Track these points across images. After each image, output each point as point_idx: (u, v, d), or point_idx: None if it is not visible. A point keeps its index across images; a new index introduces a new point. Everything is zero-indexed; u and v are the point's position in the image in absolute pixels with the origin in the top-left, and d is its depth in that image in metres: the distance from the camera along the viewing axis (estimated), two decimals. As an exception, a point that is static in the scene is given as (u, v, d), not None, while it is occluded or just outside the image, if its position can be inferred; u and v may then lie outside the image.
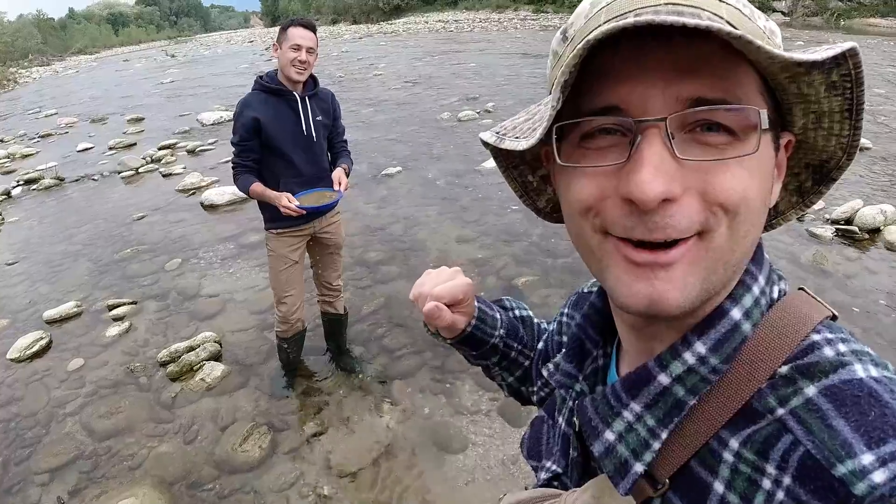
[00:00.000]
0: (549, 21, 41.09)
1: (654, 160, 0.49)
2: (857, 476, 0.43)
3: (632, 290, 0.53)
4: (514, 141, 0.60)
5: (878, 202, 5.87)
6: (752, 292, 0.57)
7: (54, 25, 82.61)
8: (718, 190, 0.50)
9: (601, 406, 0.62)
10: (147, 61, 36.40)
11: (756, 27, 0.53)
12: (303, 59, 3.12)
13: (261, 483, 3.13)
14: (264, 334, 4.47)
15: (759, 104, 0.52)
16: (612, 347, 0.74)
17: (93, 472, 3.30)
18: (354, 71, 20.32)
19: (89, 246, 6.73)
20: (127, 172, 9.64)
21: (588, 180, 0.54)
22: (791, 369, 0.52)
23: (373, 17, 69.71)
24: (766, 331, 0.55)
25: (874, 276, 4.82)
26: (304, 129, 3.29)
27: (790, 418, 0.49)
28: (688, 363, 0.55)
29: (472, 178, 7.96)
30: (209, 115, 13.36)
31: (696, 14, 0.49)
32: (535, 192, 0.78)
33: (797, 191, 0.66)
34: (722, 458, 0.52)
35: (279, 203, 3.13)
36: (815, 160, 0.62)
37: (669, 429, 0.56)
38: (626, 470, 0.58)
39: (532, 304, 4.55)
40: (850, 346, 0.53)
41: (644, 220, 0.50)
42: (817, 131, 0.58)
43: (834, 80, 0.51)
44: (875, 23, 29.58)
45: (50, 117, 16.31)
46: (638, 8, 0.51)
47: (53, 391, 4.04)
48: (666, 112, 0.50)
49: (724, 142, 0.51)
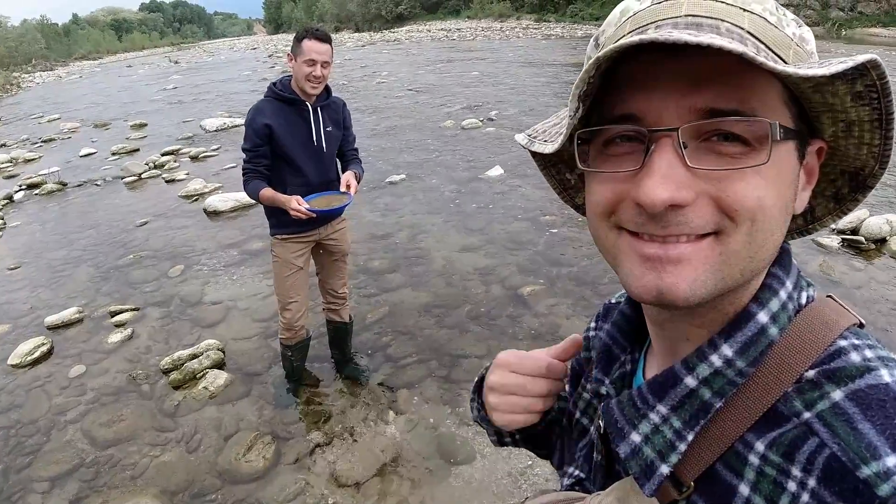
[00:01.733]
0: (550, 30, 41.27)
1: (663, 168, 0.51)
2: (882, 478, 0.43)
3: (641, 282, 0.55)
4: (542, 144, 0.64)
5: (884, 212, 5.85)
6: (779, 297, 0.57)
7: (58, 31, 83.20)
8: (733, 197, 0.51)
9: (627, 408, 0.62)
10: (150, 67, 36.55)
11: (783, 35, 0.54)
12: (317, 75, 3.10)
13: (265, 494, 3.09)
14: (268, 342, 4.44)
15: (779, 114, 0.53)
16: (641, 354, 0.75)
17: (94, 480, 3.26)
18: (357, 79, 20.38)
19: (91, 251, 6.71)
20: (130, 178, 9.64)
21: (606, 185, 0.57)
22: (818, 374, 0.52)
23: (375, 25, 70.18)
24: (793, 335, 0.55)
25: (881, 286, 4.80)
26: (315, 139, 3.28)
27: (816, 422, 0.49)
28: (714, 366, 0.56)
29: (476, 185, 7.95)
30: (212, 121, 13.39)
31: (715, 26, 0.51)
32: (573, 190, 0.79)
33: (834, 197, 0.65)
34: (747, 460, 0.53)
35: (289, 206, 3.09)
36: (850, 167, 0.61)
37: (695, 431, 0.56)
38: (651, 471, 0.58)
39: (537, 314, 4.56)
40: (876, 352, 0.53)
41: (654, 220, 0.52)
42: (848, 139, 0.58)
43: (859, 91, 0.51)
44: (876, 32, 29.69)
45: (53, 122, 16.38)
46: (659, 20, 0.54)
47: (54, 398, 4.00)
48: (679, 122, 0.51)
49: (738, 151, 0.51)
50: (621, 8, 0.60)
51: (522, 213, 6.72)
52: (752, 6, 0.54)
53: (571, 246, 5.73)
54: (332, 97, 3.40)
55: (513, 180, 7.92)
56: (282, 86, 3.23)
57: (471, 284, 5.18)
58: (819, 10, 33.96)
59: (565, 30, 41.06)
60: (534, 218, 6.51)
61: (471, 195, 7.61)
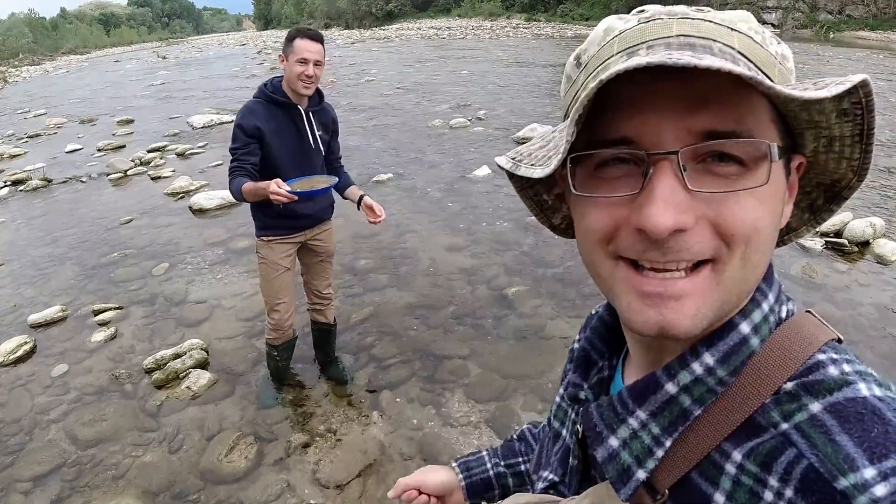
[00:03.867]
0: (541, 30, 41.30)
1: (666, 193, 0.50)
2: (859, 489, 0.44)
3: (642, 317, 0.54)
4: (529, 168, 0.60)
5: (868, 215, 5.91)
6: (761, 308, 0.58)
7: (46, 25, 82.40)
8: (729, 221, 0.51)
9: (607, 413, 0.63)
10: (138, 62, 36.28)
11: (767, 54, 0.54)
12: (310, 74, 3.04)
13: (246, 494, 3.09)
14: (252, 342, 4.44)
15: (771, 133, 0.53)
16: (618, 360, 0.75)
17: (76, 480, 3.25)
18: (346, 76, 20.31)
19: (76, 249, 6.67)
20: (115, 175, 9.58)
21: (602, 210, 0.56)
22: (796, 386, 0.52)
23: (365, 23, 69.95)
24: (773, 347, 0.56)
25: (863, 289, 4.84)
26: (305, 143, 3.25)
27: (794, 433, 0.49)
28: (695, 373, 0.56)
29: (463, 185, 7.96)
30: (200, 118, 13.31)
31: (708, 46, 0.51)
32: (550, 210, 0.78)
33: (809, 208, 0.67)
34: (724, 469, 0.53)
35: (269, 190, 2.84)
36: (826, 180, 0.63)
37: (674, 437, 0.57)
38: (628, 476, 0.59)
39: (522, 315, 4.57)
40: (854, 366, 0.53)
41: (656, 246, 0.52)
42: (828, 154, 0.59)
43: (845, 108, 0.52)
44: (864, 35, 29.91)
45: (39, 117, 16.20)
46: (650, 39, 0.53)
47: (37, 397, 3.98)
48: (678, 145, 0.51)
49: (734, 172, 0.52)
50: (605, 26, 0.59)
51: (508, 214, 6.73)
52: (739, 25, 0.54)
53: (556, 247, 5.75)
54: (325, 103, 3.37)
55: (499, 180, 7.92)
56: (273, 88, 3.17)
57: (456, 285, 5.19)
58: (807, 13, 34.18)
59: (555, 29, 41.06)
60: (519, 218, 6.51)
61: (457, 195, 7.62)
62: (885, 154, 8.39)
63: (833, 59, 20.13)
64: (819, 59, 19.93)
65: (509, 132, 10.51)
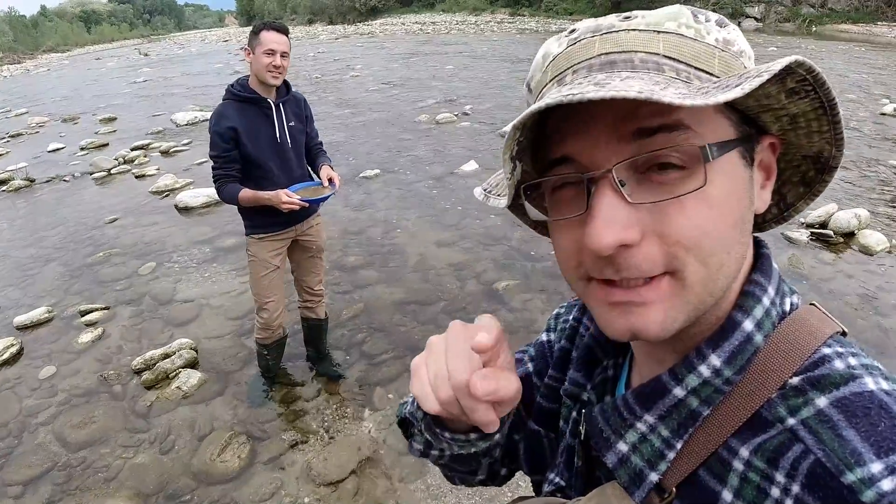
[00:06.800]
0: (525, 24, 41.31)
1: (605, 211, 0.51)
2: (866, 484, 0.44)
3: (614, 326, 0.56)
4: (497, 199, 0.66)
5: (853, 206, 5.97)
6: (762, 303, 0.57)
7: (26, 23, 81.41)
8: (674, 230, 0.51)
9: (613, 417, 0.62)
10: (120, 60, 35.95)
11: (704, 46, 0.54)
12: (277, 64, 3.09)
13: (240, 494, 3.07)
14: (241, 340, 4.41)
15: (717, 124, 0.53)
16: (625, 359, 0.75)
17: (67, 483, 3.22)
18: (331, 72, 20.23)
19: (60, 249, 6.59)
20: (99, 174, 9.49)
21: (565, 233, 0.58)
22: (802, 381, 0.52)
23: (349, 18, 69.66)
24: (778, 342, 0.56)
25: (849, 279, 4.90)
26: (279, 136, 3.26)
27: (801, 428, 0.49)
28: (703, 376, 0.56)
29: (450, 180, 7.96)
30: (183, 115, 13.19)
31: (629, 60, 0.53)
32: (542, 226, 0.79)
33: (802, 181, 0.66)
34: (731, 466, 0.53)
35: (278, 200, 3.09)
36: (809, 153, 0.62)
37: (684, 439, 0.57)
38: (641, 479, 0.59)
39: (512, 309, 4.58)
40: (860, 360, 0.53)
41: (609, 262, 0.53)
42: (796, 131, 0.59)
43: (792, 87, 0.52)
44: (846, 28, 30.17)
45: (20, 116, 16.01)
46: (574, 64, 0.56)
47: (25, 400, 3.94)
48: (613, 160, 0.52)
49: (675, 178, 0.51)
50: (543, 52, 0.61)
51: (496, 209, 6.72)
52: (667, 25, 0.54)
53: (545, 241, 5.71)
54: (293, 92, 3.39)
55: (487, 175, 7.90)
56: (240, 86, 3.21)
57: (445, 280, 5.19)
58: (790, 7, 34.41)
59: (539, 24, 41.15)
60: (507, 213, 6.46)
61: (445, 190, 7.62)
62: (869, 145, 8.47)
63: (815, 52, 20.30)
64: (801, 52, 20.05)
65: (495, 126, 10.52)
